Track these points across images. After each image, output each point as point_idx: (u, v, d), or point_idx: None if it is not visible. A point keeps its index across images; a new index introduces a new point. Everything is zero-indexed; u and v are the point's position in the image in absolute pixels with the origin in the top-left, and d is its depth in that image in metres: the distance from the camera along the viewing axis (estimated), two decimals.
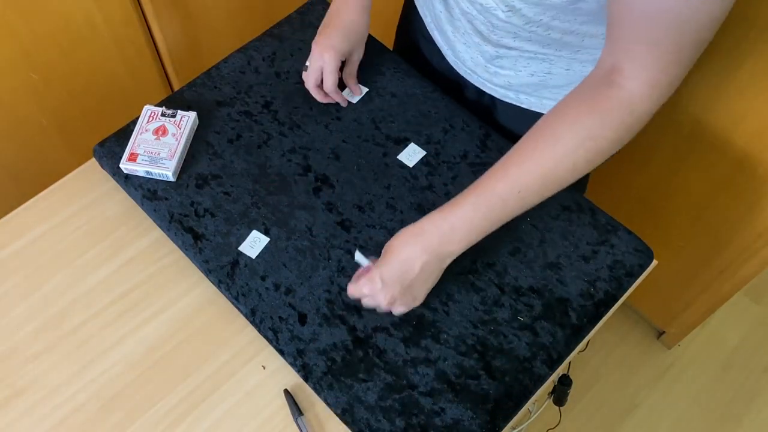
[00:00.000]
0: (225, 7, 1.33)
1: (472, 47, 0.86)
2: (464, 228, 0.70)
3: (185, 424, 0.75)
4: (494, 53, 0.83)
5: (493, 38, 0.81)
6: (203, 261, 0.82)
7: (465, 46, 0.87)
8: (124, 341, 0.80)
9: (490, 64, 0.86)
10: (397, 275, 0.72)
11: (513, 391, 0.75)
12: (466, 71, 0.91)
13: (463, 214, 0.70)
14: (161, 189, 0.87)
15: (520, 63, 0.83)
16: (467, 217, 0.70)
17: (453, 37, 0.88)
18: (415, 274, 0.72)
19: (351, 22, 0.88)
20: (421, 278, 0.73)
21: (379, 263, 0.73)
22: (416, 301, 0.76)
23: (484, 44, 0.83)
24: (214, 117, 0.93)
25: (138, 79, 1.30)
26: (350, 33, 0.89)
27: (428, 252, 0.71)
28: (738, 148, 1.11)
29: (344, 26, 0.88)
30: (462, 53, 0.89)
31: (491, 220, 0.70)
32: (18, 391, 0.77)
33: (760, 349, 1.65)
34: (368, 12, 0.90)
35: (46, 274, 0.84)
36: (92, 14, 1.13)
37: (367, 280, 0.73)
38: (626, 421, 1.57)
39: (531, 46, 0.79)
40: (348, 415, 0.73)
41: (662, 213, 1.33)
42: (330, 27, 0.88)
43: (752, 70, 1.00)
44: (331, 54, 0.87)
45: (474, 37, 0.84)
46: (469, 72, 0.91)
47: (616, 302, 0.82)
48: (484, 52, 0.85)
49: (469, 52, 0.87)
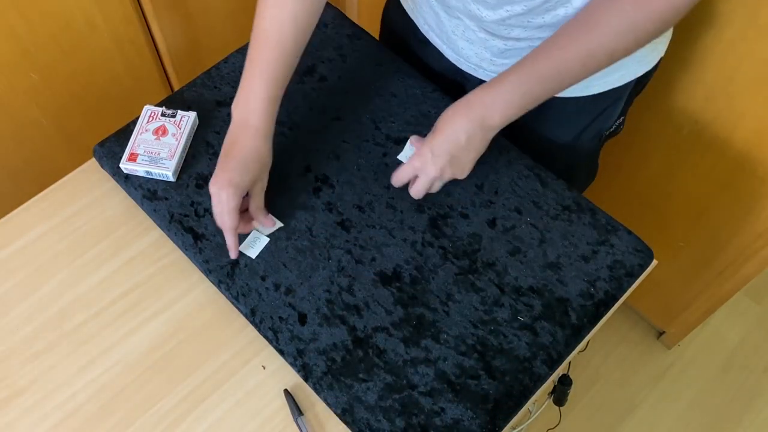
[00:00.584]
0: (225, 7, 1.33)
1: (476, 43, 0.86)
2: (505, 102, 0.75)
3: (185, 424, 0.75)
4: (503, 46, 0.84)
5: (502, 32, 0.81)
6: (203, 261, 0.82)
7: (468, 42, 0.87)
8: (124, 341, 0.80)
9: (496, 57, 0.86)
10: (446, 146, 0.78)
11: (513, 391, 0.75)
12: (470, 66, 0.92)
13: (505, 90, 0.75)
14: (161, 189, 0.87)
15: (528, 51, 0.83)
16: (508, 92, 0.75)
17: (454, 35, 0.88)
18: (462, 144, 0.78)
19: (251, 150, 0.78)
20: (468, 148, 0.78)
21: (429, 138, 0.79)
22: (463, 172, 0.81)
23: (491, 39, 0.84)
24: (214, 117, 0.93)
25: (138, 79, 1.30)
26: (250, 162, 0.78)
27: (473, 122, 0.77)
28: (738, 148, 1.11)
29: (243, 155, 0.78)
30: (465, 50, 0.89)
31: (531, 96, 0.75)
32: (18, 391, 0.77)
33: (760, 349, 1.65)
34: (270, 139, 0.80)
35: (46, 274, 0.84)
36: (92, 14, 1.13)
37: (417, 155, 0.80)
38: (626, 421, 1.57)
39: (542, 33, 0.79)
40: (348, 415, 0.73)
41: (662, 213, 1.33)
42: (228, 157, 0.78)
43: (752, 70, 1.00)
44: (229, 192, 0.76)
45: (479, 33, 0.84)
46: (474, 67, 0.91)
47: (616, 302, 0.82)
48: (491, 47, 0.85)
49: (473, 48, 0.88)
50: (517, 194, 0.87)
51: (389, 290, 0.80)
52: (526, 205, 0.86)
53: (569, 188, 0.88)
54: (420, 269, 0.82)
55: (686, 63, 1.07)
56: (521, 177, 0.88)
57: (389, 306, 0.79)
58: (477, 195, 0.87)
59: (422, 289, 0.80)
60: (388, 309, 0.79)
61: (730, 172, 1.15)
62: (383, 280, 0.81)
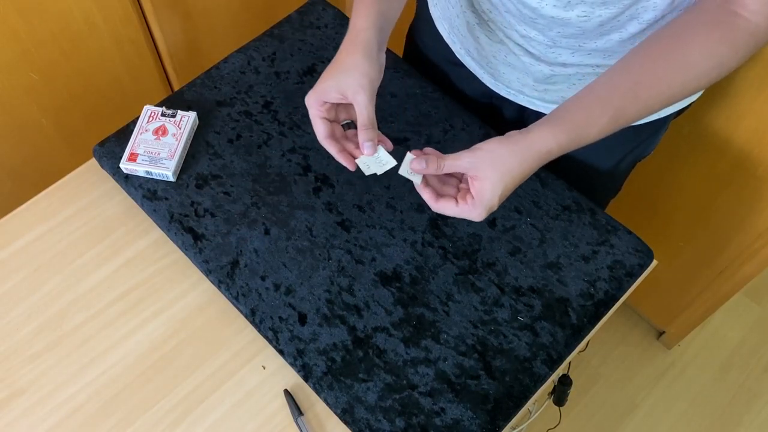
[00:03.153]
0: (225, 7, 1.33)
1: (519, 68, 0.84)
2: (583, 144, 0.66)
3: (185, 424, 0.75)
4: (549, 72, 0.81)
5: (549, 56, 0.78)
6: (203, 261, 0.82)
7: (509, 67, 0.85)
8: (123, 341, 0.80)
9: (540, 83, 0.84)
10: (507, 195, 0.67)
11: (513, 391, 0.75)
12: (509, 92, 0.89)
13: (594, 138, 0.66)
14: (161, 189, 0.87)
15: (575, 77, 0.81)
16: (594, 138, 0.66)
17: (494, 59, 0.86)
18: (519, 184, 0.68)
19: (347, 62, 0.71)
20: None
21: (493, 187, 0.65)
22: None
23: (537, 64, 0.81)
24: (214, 117, 0.93)
25: (138, 79, 1.30)
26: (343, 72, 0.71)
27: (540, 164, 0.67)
28: (738, 148, 1.11)
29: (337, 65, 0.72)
30: (506, 75, 0.86)
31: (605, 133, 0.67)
32: (18, 391, 0.77)
33: (760, 349, 1.65)
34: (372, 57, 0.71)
35: (46, 274, 0.84)
36: (92, 14, 1.13)
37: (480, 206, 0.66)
38: (626, 421, 1.57)
39: (591, 60, 0.77)
40: (348, 415, 0.73)
41: (662, 213, 1.33)
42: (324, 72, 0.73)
43: (752, 71, 1.00)
44: (312, 96, 0.71)
45: (523, 57, 0.81)
46: (515, 93, 0.89)
47: (616, 302, 0.82)
48: (535, 72, 0.82)
49: (514, 73, 0.85)
50: (517, 194, 0.87)
51: (389, 290, 0.80)
52: (526, 205, 0.86)
53: (569, 188, 0.88)
54: (420, 269, 0.82)
55: None
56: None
57: (389, 306, 0.79)
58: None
59: (422, 289, 0.80)
60: (388, 309, 0.79)
61: (730, 172, 1.15)
62: (383, 280, 0.81)
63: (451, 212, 0.68)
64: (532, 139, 0.65)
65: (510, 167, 0.65)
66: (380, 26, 0.73)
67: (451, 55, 0.95)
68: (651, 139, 0.94)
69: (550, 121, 0.65)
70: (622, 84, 0.66)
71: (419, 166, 0.68)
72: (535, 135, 0.65)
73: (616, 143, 0.91)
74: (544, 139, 0.64)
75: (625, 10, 0.69)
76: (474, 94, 0.97)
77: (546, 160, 0.66)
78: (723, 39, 0.64)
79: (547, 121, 0.66)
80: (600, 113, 0.65)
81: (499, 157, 0.65)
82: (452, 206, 0.67)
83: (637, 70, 0.66)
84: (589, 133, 0.65)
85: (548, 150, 0.65)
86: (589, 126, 0.65)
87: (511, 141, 0.65)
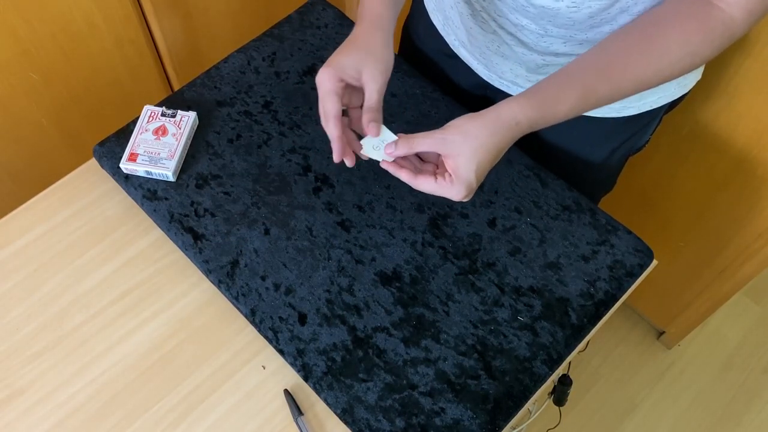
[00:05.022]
0: (225, 7, 1.33)
1: (512, 58, 0.84)
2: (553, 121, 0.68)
3: (185, 424, 0.75)
4: (541, 61, 0.82)
5: (541, 46, 0.79)
6: (203, 261, 0.82)
7: (503, 57, 0.85)
8: (123, 341, 0.80)
9: (532, 73, 0.85)
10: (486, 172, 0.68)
11: (513, 391, 0.75)
12: (503, 83, 0.90)
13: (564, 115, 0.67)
14: (161, 189, 0.87)
15: None
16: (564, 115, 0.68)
17: (488, 50, 0.86)
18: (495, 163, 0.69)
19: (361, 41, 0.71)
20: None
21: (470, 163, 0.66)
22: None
23: (529, 53, 0.81)
24: (214, 117, 0.93)
25: (138, 79, 1.30)
26: (356, 50, 0.70)
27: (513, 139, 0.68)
28: (738, 148, 1.11)
29: (350, 43, 0.71)
30: (499, 65, 0.87)
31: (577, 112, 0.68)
32: (18, 391, 0.77)
33: (760, 349, 1.65)
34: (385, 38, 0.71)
35: (46, 274, 0.84)
36: (92, 14, 1.13)
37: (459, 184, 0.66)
38: (626, 421, 1.57)
39: (583, 50, 0.77)
40: (348, 415, 0.73)
41: (662, 213, 1.33)
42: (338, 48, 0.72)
43: (751, 71, 1.00)
44: (325, 71, 0.69)
45: (516, 47, 0.82)
46: (508, 84, 0.89)
47: (616, 302, 0.82)
48: (528, 62, 0.83)
49: (507, 63, 0.86)
50: (517, 194, 0.87)
51: (389, 290, 0.80)
52: (526, 205, 0.86)
53: (569, 188, 0.88)
54: (420, 269, 0.82)
55: None
56: (521, 177, 0.88)
57: (389, 306, 0.79)
58: (477, 195, 0.87)
59: (422, 289, 0.80)
60: (388, 309, 0.79)
61: (730, 172, 1.15)
62: (383, 280, 0.81)
63: (431, 189, 0.68)
64: (500, 111, 0.66)
65: (482, 141, 0.66)
66: (395, 14, 0.74)
67: (445, 47, 0.95)
68: (642, 131, 0.94)
69: (520, 95, 0.67)
70: (594, 64, 0.68)
71: (389, 150, 0.69)
72: (503, 107, 0.66)
73: (606, 134, 0.91)
74: (512, 110, 0.66)
75: (615, 3, 0.70)
76: (468, 86, 0.97)
77: (517, 133, 0.67)
78: (698, 29, 0.66)
79: (517, 96, 0.67)
80: (569, 90, 0.67)
81: (469, 131, 0.66)
82: (431, 182, 0.67)
83: (612, 52, 0.68)
84: (559, 109, 0.67)
85: (517, 121, 0.66)
86: (558, 102, 0.67)
87: (479, 115, 0.67)
